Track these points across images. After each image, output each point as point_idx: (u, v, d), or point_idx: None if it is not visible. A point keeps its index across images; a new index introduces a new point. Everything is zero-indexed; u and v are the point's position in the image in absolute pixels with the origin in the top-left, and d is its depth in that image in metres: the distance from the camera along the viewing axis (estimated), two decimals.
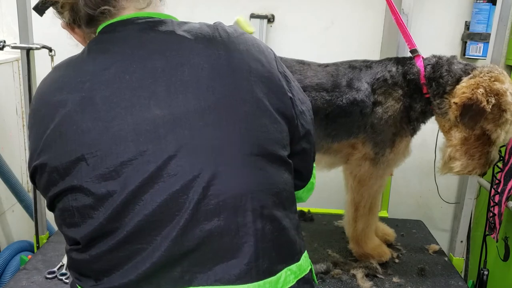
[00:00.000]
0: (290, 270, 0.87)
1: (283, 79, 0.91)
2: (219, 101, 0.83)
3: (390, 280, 1.64)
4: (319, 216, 2.17)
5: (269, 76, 0.89)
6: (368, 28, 2.27)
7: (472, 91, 1.43)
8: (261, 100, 0.85)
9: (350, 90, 1.59)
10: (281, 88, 0.90)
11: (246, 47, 0.89)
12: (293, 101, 0.91)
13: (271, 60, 0.92)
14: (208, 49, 0.86)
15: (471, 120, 1.44)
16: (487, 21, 2.11)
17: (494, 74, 1.46)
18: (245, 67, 0.86)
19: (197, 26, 0.90)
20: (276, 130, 0.87)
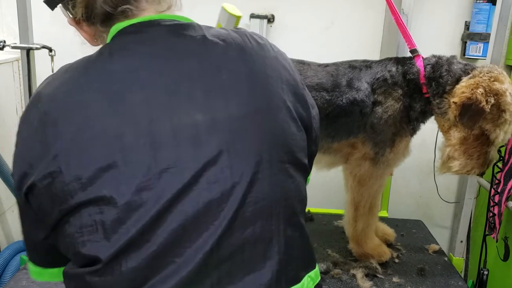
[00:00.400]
0: (310, 277, 0.86)
1: (302, 86, 0.91)
2: (259, 107, 0.81)
3: (390, 280, 1.64)
4: (319, 216, 2.17)
5: (295, 84, 0.89)
6: (368, 28, 2.27)
7: (471, 91, 1.43)
8: (290, 108, 0.85)
9: (350, 90, 1.59)
10: (303, 96, 0.90)
11: (275, 54, 0.89)
12: (308, 107, 0.92)
13: (293, 67, 0.92)
14: (242, 55, 0.83)
15: (470, 120, 1.44)
16: (487, 21, 2.11)
17: (494, 74, 1.46)
18: (277, 74, 0.86)
19: (225, 32, 0.87)
20: (301, 138, 0.87)
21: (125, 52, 0.80)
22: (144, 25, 0.83)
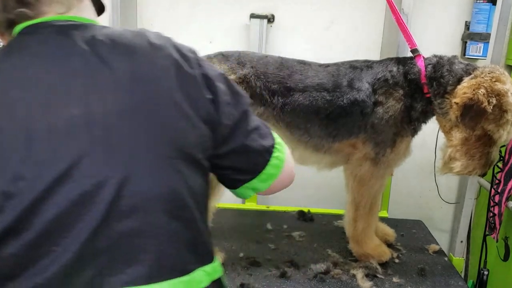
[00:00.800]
0: (204, 271, 0.88)
1: (202, 81, 0.91)
2: (138, 104, 0.83)
3: (390, 280, 1.64)
4: (319, 216, 2.18)
5: (189, 80, 0.90)
6: (368, 28, 2.27)
7: (473, 91, 1.43)
8: (181, 105, 0.86)
9: (351, 90, 1.59)
10: (199, 91, 0.90)
11: (168, 53, 0.90)
12: (215, 103, 0.92)
13: (192, 63, 0.92)
14: (130, 55, 0.87)
15: (472, 120, 1.44)
16: (487, 21, 2.11)
17: (495, 75, 1.46)
18: (168, 74, 0.87)
19: (118, 32, 0.90)
20: (195, 134, 0.88)
21: (17, 52, 0.86)
22: (38, 26, 0.88)
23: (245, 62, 1.60)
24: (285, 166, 1.04)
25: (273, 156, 1.01)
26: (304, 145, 1.68)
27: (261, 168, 0.99)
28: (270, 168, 1.00)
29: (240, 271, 1.63)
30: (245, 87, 1.58)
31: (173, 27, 2.30)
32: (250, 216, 2.16)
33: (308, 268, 1.66)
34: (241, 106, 0.97)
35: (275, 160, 1.01)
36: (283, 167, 1.03)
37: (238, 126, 0.95)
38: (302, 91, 1.60)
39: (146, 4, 2.28)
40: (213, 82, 0.93)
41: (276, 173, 1.02)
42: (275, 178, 1.02)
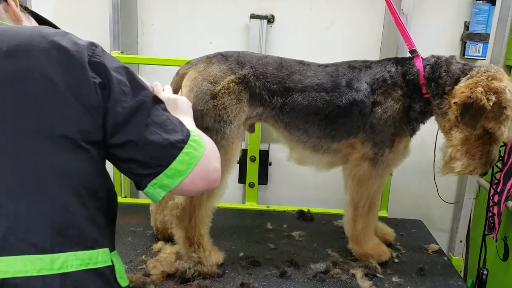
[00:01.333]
0: (75, 256, 0.89)
1: (93, 67, 0.95)
2: (7, 77, 0.89)
3: (389, 279, 1.64)
4: (318, 215, 2.18)
5: (74, 64, 0.93)
6: (367, 28, 2.27)
7: (471, 90, 1.44)
8: (54, 82, 0.90)
9: (350, 91, 1.60)
10: (85, 74, 0.93)
11: (54, 39, 0.94)
12: (106, 88, 0.95)
13: (84, 51, 0.95)
14: (8, 38, 0.93)
15: (472, 119, 1.45)
16: (487, 21, 2.12)
17: (491, 73, 1.47)
18: (44, 54, 0.92)
19: (11, 27, 1.00)
20: (70, 113, 0.91)
21: None
22: None
23: (245, 62, 1.61)
24: (199, 165, 1.03)
25: (183, 152, 1.01)
26: (303, 145, 1.69)
27: (166, 163, 0.99)
28: (178, 164, 1.00)
29: (240, 271, 1.64)
30: (245, 87, 1.58)
31: (173, 27, 2.30)
32: (250, 216, 2.17)
33: (308, 267, 1.67)
34: (140, 98, 0.99)
35: (185, 156, 1.01)
36: (196, 165, 1.02)
37: (134, 116, 0.97)
38: (301, 91, 1.60)
39: (146, 4, 2.29)
40: (108, 70, 0.96)
41: (186, 170, 1.01)
42: (184, 175, 1.01)
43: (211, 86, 1.55)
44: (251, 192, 2.34)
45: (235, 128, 1.57)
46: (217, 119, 1.54)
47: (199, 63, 1.61)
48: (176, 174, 1.00)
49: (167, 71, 2.03)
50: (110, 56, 1.01)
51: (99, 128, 0.94)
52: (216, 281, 1.56)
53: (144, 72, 2.37)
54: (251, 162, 2.29)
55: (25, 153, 0.87)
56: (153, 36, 2.32)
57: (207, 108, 1.54)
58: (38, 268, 0.84)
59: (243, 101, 1.58)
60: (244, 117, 1.60)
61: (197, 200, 1.60)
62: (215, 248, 1.68)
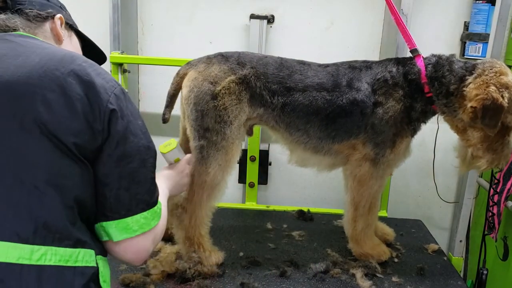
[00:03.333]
0: (55, 251, 0.92)
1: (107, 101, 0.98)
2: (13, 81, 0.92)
3: (389, 279, 1.65)
4: (318, 215, 2.18)
5: (56, 78, 0.95)
6: (367, 28, 2.27)
7: (485, 91, 1.44)
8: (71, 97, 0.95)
9: (350, 90, 1.60)
10: (99, 102, 0.98)
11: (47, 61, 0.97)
12: (111, 123, 0.99)
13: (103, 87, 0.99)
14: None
15: (492, 119, 1.45)
16: (486, 21, 2.12)
17: (498, 69, 1.48)
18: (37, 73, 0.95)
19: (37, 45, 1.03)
20: (77, 127, 0.94)
21: None
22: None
23: (245, 62, 1.61)
24: (146, 236, 1.06)
25: (143, 215, 1.05)
26: (304, 147, 1.69)
27: (124, 214, 1.02)
28: (133, 222, 1.04)
29: (240, 271, 1.64)
30: (245, 88, 1.58)
31: (173, 27, 2.30)
32: (250, 216, 2.17)
33: (308, 267, 1.67)
34: (138, 147, 1.03)
35: (143, 220, 1.05)
36: (144, 235, 1.06)
37: (124, 161, 1.00)
38: (302, 91, 1.60)
39: (146, 4, 2.29)
40: (122, 110, 1.01)
41: (136, 231, 1.04)
42: (131, 235, 1.04)
43: (211, 87, 1.55)
44: (251, 192, 2.34)
45: (235, 129, 1.57)
46: (217, 120, 1.54)
47: (199, 64, 1.61)
48: (126, 230, 1.03)
49: (167, 71, 2.03)
50: (129, 102, 1.05)
51: (96, 150, 0.98)
52: (216, 281, 1.56)
53: (144, 72, 2.37)
54: (251, 162, 2.29)
55: (24, 148, 0.91)
56: (153, 36, 2.32)
57: (207, 108, 1.54)
58: (17, 256, 0.87)
59: (244, 101, 1.59)
60: (244, 117, 1.60)
61: (197, 200, 1.60)
62: (215, 248, 1.68)
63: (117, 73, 2.14)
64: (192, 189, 1.60)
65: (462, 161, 1.62)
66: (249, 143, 2.27)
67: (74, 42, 1.25)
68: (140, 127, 1.04)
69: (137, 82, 2.38)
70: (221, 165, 1.58)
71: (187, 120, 1.60)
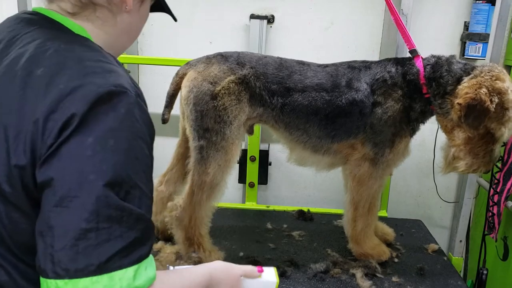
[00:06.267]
0: None
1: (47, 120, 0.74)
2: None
3: (389, 279, 1.65)
4: (318, 215, 2.18)
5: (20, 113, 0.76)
6: (367, 28, 2.27)
7: (475, 91, 1.44)
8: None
9: (350, 90, 1.60)
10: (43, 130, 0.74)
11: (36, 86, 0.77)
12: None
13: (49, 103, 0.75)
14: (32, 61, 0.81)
15: (476, 120, 1.45)
16: (486, 21, 2.11)
17: (495, 73, 1.47)
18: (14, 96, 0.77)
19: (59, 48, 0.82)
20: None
21: None
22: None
23: (245, 62, 1.61)
24: None
25: (66, 281, 0.71)
26: (303, 146, 1.69)
27: (48, 271, 0.72)
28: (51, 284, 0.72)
29: None
30: (245, 88, 1.58)
31: (173, 27, 2.30)
32: (250, 216, 2.17)
33: (308, 267, 1.67)
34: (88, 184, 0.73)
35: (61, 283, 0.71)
36: None
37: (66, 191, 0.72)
38: (302, 91, 1.60)
39: None
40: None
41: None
42: None
43: (211, 87, 1.55)
44: (251, 192, 2.34)
45: (235, 129, 1.57)
46: (217, 120, 1.55)
47: (199, 64, 1.61)
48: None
49: (167, 71, 2.03)
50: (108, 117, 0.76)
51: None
52: None
53: (144, 72, 2.37)
54: (251, 162, 2.29)
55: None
56: (153, 36, 2.32)
57: (207, 108, 1.54)
58: None
59: (243, 101, 1.59)
60: (244, 117, 1.60)
61: (197, 201, 1.60)
62: (215, 248, 1.68)
63: None
64: (191, 189, 1.60)
65: (445, 162, 1.63)
66: (249, 143, 2.27)
67: (143, 12, 1.00)
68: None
69: (137, 82, 2.38)
70: (221, 165, 1.58)
71: (186, 120, 1.60)
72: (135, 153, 0.77)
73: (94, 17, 0.90)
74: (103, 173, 0.73)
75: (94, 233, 0.71)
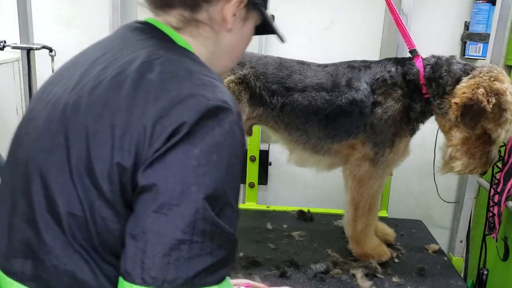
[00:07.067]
0: None
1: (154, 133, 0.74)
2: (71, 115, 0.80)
3: (389, 279, 1.64)
4: (318, 216, 2.18)
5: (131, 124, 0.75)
6: (367, 28, 2.27)
7: (472, 91, 1.43)
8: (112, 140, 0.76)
9: (350, 90, 1.60)
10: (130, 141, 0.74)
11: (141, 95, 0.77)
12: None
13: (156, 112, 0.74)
14: (116, 78, 0.80)
15: (472, 120, 1.45)
16: (487, 21, 2.11)
17: (494, 74, 1.47)
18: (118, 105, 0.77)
19: (165, 69, 0.80)
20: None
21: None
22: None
23: (245, 62, 1.60)
24: None
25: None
26: (303, 146, 1.69)
27: (130, 277, 0.71)
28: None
29: (240, 271, 1.64)
30: (245, 88, 1.58)
31: None
32: (250, 216, 2.17)
33: (308, 267, 1.67)
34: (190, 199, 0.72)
35: None
36: None
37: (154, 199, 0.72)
38: (302, 91, 1.60)
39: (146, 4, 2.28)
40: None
41: None
42: None
43: None
44: (251, 192, 2.34)
45: None
46: None
47: None
48: None
49: None
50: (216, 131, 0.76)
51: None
52: None
53: None
54: (251, 162, 2.29)
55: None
56: None
57: None
58: None
59: (243, 101, 1.58)
60: (244, 117, 1.60)
61: None
62: None
63: None
64: None
65: (442, 162, 1.63)
66: (249, 143, 2.26)
67: (246, 31, 0.99)
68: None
69: None
70: None
71: None
72: (232, 171, 0.77)
73: (196, 33, 0.90)
74: (205, 186, 0.72)
75: (187, 246, 0.71)
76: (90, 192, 0.76)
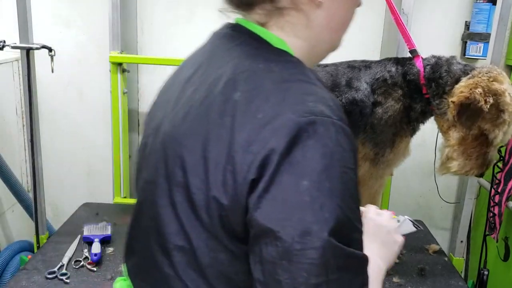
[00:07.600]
0: None
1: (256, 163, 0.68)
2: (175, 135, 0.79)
3: (390, 280, 1.64)
4: None
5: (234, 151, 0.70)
6: (368, 28, 2.26)
7: (470, 90, 1.43)
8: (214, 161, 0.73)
9: (349, 90, 1.59)
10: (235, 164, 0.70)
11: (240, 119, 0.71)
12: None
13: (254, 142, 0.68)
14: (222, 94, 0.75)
15: (468, 119, 1.44)
16: (487, 21, 2.11)
17: (493, 74, 1.46)
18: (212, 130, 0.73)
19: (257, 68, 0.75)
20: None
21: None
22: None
23: None
24: None
25: None
26: None
27: None
28: None
29: None
30: None
31: (173, 26, 2.30)
32: None
33: None
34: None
35: None
36: None
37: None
38: None
39: (146, 4, 2.28)
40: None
41: None
42: None
43: None
44: None
45: None
46: None
47: None
48: None
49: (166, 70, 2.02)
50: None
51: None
52: None
53: (144, 72, 2.36)
54: None
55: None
56: (152, 35, 2.31)
57: None
58: None
59: None
60: None
61: None
62: None
63: (116, 73, 2.14)
64: None
65: (439, 162, 1.62)
66: None
67: None
68: None
69: (137, 81, 2.37)
70: None
71: None
72: (349, 191, 0.69)
73: (284, 23, 0.81)
74: (326, 222, 0.65)
75: (324, 286, 0.65)
76: (194, 224, 0.73)
